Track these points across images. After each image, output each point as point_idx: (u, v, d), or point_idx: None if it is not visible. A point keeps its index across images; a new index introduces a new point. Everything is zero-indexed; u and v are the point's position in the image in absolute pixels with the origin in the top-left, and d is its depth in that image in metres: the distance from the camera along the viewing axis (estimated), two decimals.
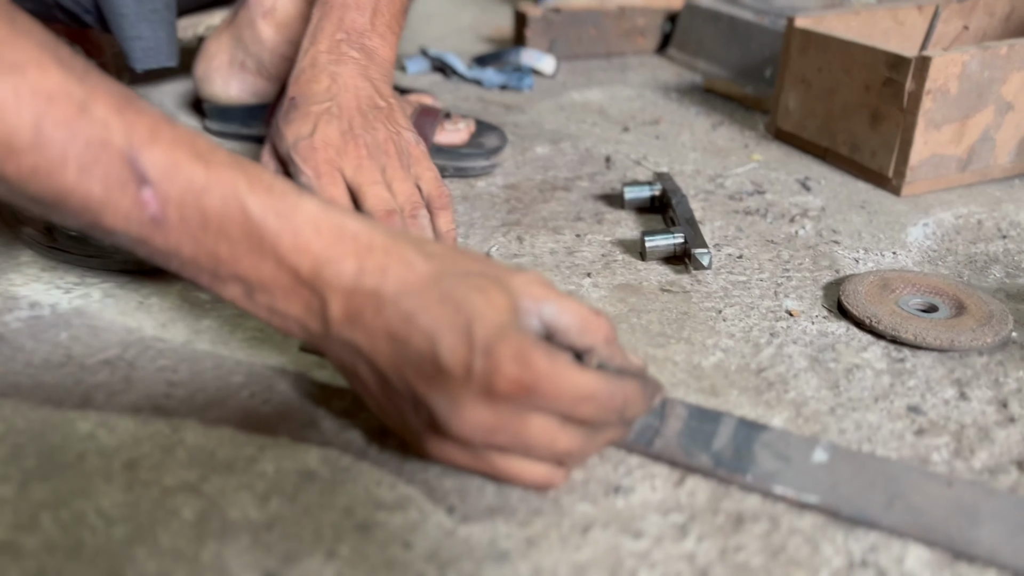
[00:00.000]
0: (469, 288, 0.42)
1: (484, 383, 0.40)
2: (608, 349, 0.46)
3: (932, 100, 0.79)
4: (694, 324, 0.62)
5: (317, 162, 0.61)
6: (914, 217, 0.79)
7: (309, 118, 0.63)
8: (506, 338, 0.41)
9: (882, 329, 0.60)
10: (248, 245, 0.42)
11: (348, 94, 0.64)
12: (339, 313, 0.43)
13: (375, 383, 0.44)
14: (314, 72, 0.64)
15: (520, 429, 0.42)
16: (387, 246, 0.43)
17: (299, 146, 0.62)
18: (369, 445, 0.48)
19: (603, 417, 0.43)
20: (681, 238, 0.69)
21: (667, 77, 1.21)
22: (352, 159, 0.62)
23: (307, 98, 0.64)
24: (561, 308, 0.45)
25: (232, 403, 0.52)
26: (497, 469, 0.44)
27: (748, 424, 0.50)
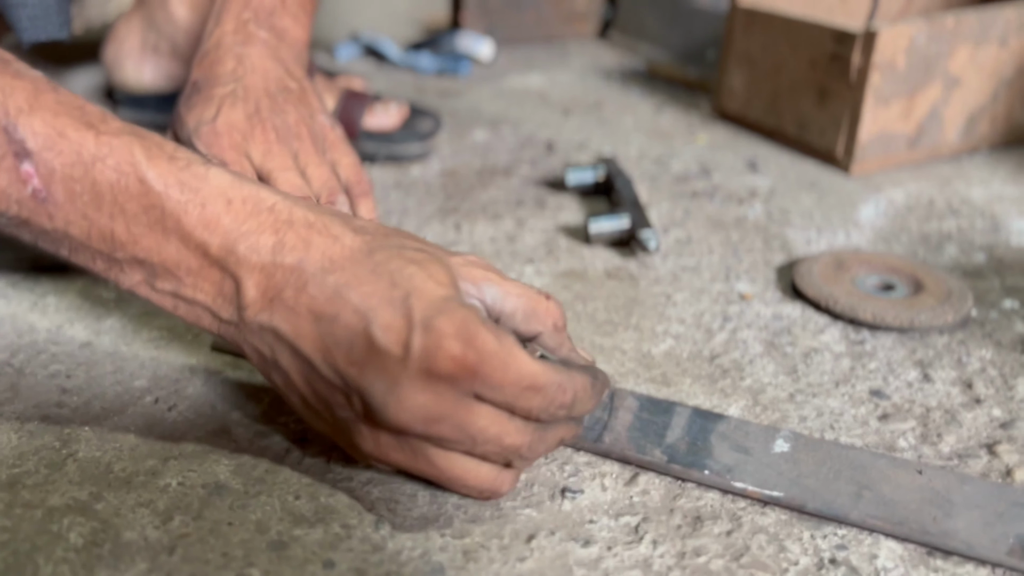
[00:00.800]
0: (405, 261, 0.38)
1: (424, 362, 0.35)
2: (557, 337, 0.42)
3: (880, 75, 0.77)
4: (643, 310, 0.58)
5: (221, 148, 0.56)
6: (865, 196, 0.77)
7: (212, 101, 0.57)
8: (448, 312, 0.36)
9: (839, 310, 0.57)
10: (148, 222, 0.37)
11: (255, 76, 0.58)
12: (255, 295, 0.38)
13: (299, 374, 0.38)
14: (219, 54, 0.59)
15: (465, 418, 0.36)
16: (309, 220, 0.39)
17: (201, 131, 0.56)
18: (287, 453, 0.43)
19: (551, 411, 0.38)
20: (627, 221, 0.65)
21: (609, 61, 1.17)
22: (260, 143, 0.57)
23: (210, 81, 0.58)
24: (505, 291, 0.40)
25: (133, 410, 0.46)
26: (439, 468, 0.38)
27: (703, 414, 0.46)
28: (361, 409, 0.37)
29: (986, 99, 0.84)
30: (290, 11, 0.62)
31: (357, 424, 0.38)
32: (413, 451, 0.38)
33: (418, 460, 0.38)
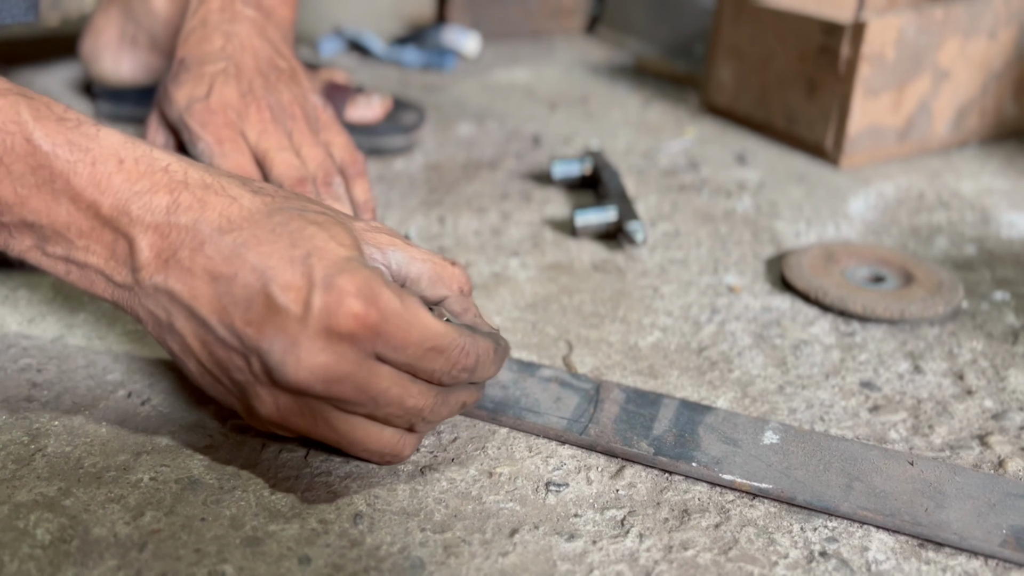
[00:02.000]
0: (306, 222, 0.37)
1: (324, 320, 0.34)
2: (463, 301, 0.42)
3: (869, 66, 0.76)
4: (630, 303, 0.57)
5: (217, 126, 0.54)
6: (854, 189, 0.76)
7: (203, 79, 0.56)
8: (350, 272, 0.35)
9: (829, 302, 0.56)
10: (36, 183, 0.36)
11: (246, 54, 0.57)
12: (150, 255, 0.36)
13: (195, 337, 0.37)
14: (205, 31, 0.57)
15: (367, 379, 0.35)
16: (205, 180, 0.38)
17: (193, 109, 0.54)
18: (264, 447, 0.42)
19: (453, 374, 0.37)
20: (614, 213, 0.64)
21: (596, 56, 1.17)
22: (255, 122, 0.55)
23: (199, 59, 0.57)
24: (411, 256, 0.41)
25: (105, 404, 0.45)
26: (339, 432, 0.37)
27: (691, 406, 0.45)
28: (260, 371, 0.36)
29: (975, 92, 0.83)
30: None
31: (255, 387, 0.36)
32: (313, 414, 0.37)
33: (318, 424, 0.37)
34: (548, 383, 0.46)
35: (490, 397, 0.45)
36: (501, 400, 0.45)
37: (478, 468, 0.41)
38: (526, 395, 0.45)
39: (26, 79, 0.96)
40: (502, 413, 0.44)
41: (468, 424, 0.44)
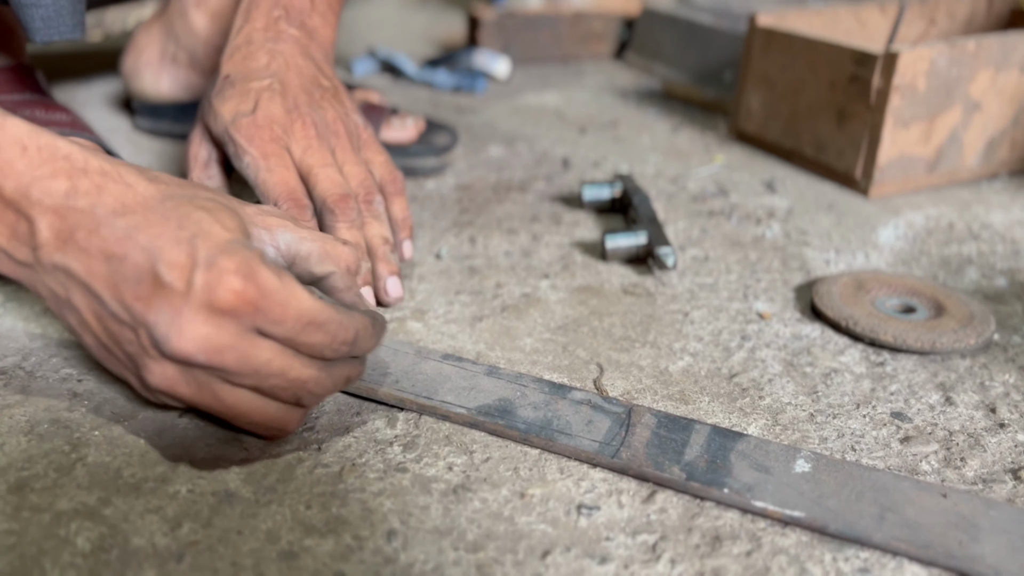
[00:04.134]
0: (195, 207, 0.40)
1: (206, 296, 0.37)
2: (347, 279, 0.45)
3: (900, 97, 0.77)
4: (660, 327, 0.57)
5: (263, 140, 0.55)
6: (884, 218, 0.76)
7: (249, 95, 0.57)
8: (231, 252, 0.38)
9: (859, 331, 0.56)
10: None
11: (290, 72, 0.59)
12: (49, 235, 0.38)
13: (90, 312, 0.39)
14: (250, 49, 0.59)
15: (248, 351, 0.38)
16: (104, 169, 0.40)
17: (240, 123, 0.56)
18: (299, 462, 0.43)
19: (333, 348, 0.40)
20: (644, 237, 0.65)
21: (624, 81, 1.17)
22: (300, 138, 0.57)
23: (244, 75, 0.58)
24: (300, 236, 0.44)
25: (144, 416, 0.46)
26: (225, 403, 0.40)
27: (722, 432, 0.45)
28: (148, 343, 0.38)
29: (1006, 124, 0.83)
30: (319, 11, 0.62)
31: (144, 359, 0.39)
32: (199, 384, 0.39)
33: (204, 393, 0.39)
34: (580, 406, 0.47)
35: (521, 418, 0.45)
36: (533, 421, 0.45)
37: (510, 489, 0.42)
38: (558, 417, 0.46)
39: (68, 93, 0.98)
40: (533, 434, 0.44)
41: (500, 444, 0.45)
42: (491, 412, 0.46)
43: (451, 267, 0.64)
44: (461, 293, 0.60)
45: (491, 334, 0.55)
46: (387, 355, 0.51)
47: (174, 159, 0.82)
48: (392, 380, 0.48)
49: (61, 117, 0.64)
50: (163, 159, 0.82)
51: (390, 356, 0.50)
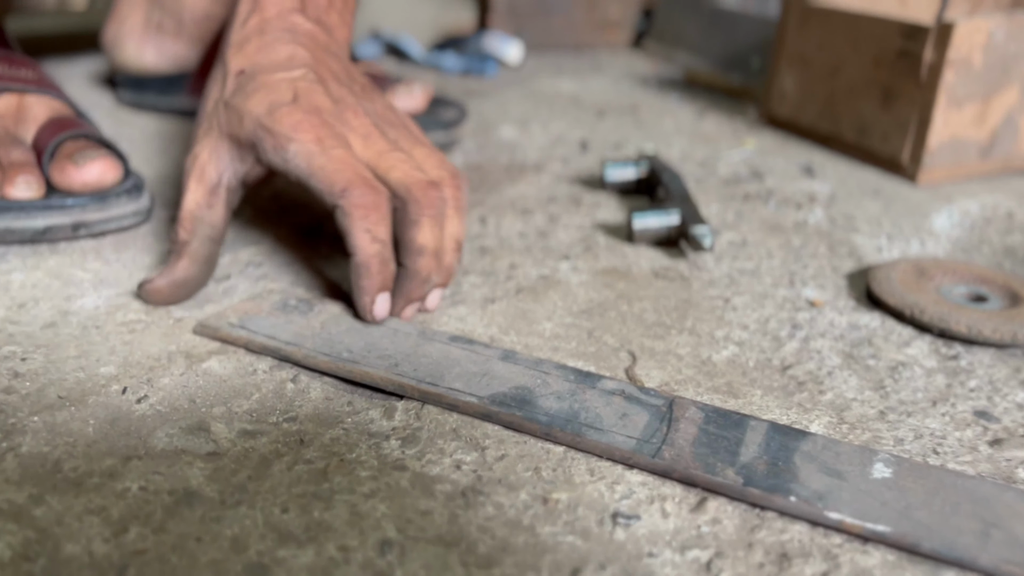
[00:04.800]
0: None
1: None
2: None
3: (954, 73, 0.70)
4: (698, 313, 0.50)
5: (313, 125, 0.45)
6: (936, 205, 0.69)
7: (280, 85, 0.46)
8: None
9: (926, 320, 0.49)
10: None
11: (320, 66, 0.48)
12: None
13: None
14: (264, 40, 0.49)
15: None
16: None
17: (278, 113, 0.45)
18: (278, 457, 0.35)
19: None
20: (677, 217, 0.57)
21: (644, 69, 1.11)
22: (357, 127, 0.47)
23: (265, 68, 0.48)
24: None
25: (95, 400, 0.38)
26: None
27: (783, 430, 0.38)
28: None
29: None
30: (336, 8, 0.52)
31: None
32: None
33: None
34: (612, 396, 0.39)
35: (543, 409, 0.38)
36: (556, 413, 0.38)
37: (530, 492, 0.34)
38: (586, 409, 0.38)
39: (50, 70, 0.91)
40: (558, 428, 0.37)
41: (517, 440, 0.37)
42: (507, 401, 0.39)
43: None
44: (470, 273, 0.53)
45: (505, 317, 0.48)
46: (385, 335, 0.43)
47: (158, 134, 0.75)
48: (391, 363, 0.41)
49: (26, 73, 0.58)
50: (146, 134, 0.75)
51: (389, 337, 0.43)
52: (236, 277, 0.51)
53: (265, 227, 0.58)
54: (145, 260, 0.52)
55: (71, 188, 0.53)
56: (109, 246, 0.54)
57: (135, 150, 0.70)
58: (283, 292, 0.48)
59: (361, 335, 0.44)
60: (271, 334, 0.43)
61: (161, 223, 0.57)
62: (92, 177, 0.53)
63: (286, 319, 0.45)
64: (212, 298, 0.48)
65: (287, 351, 0.42)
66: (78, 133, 0.55)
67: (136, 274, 0.50)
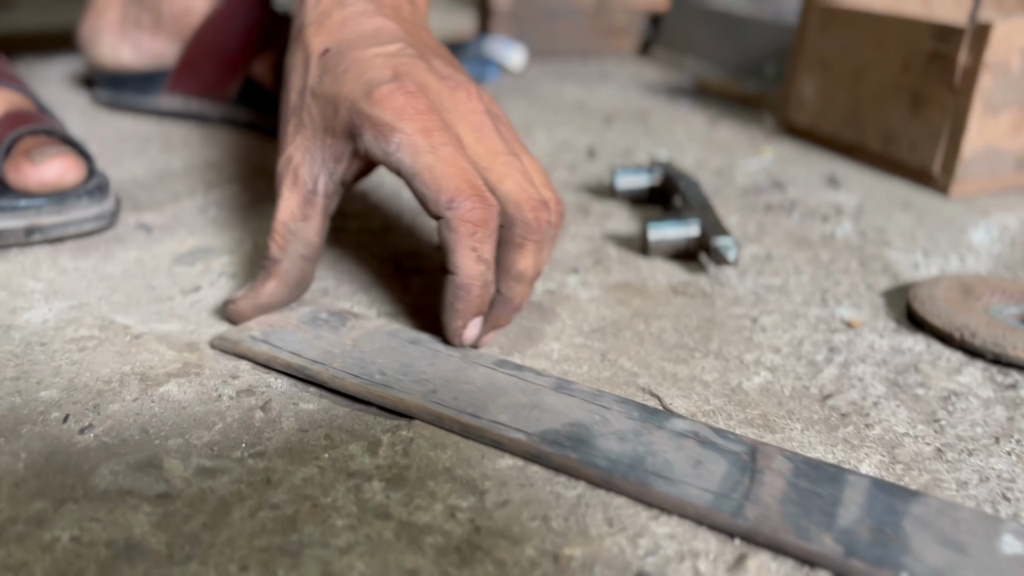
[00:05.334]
0: None
1: None
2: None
3: (991, 77, 0.65)
4: (724, 334, 0.45)
5: (418, 112, 0.38)
6: (972, 219, 0.64)
7: (376, 61, 0.40)
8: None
9: (978, 344, 0.44)
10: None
11: (414, 38, 0.42)
12: None
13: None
14: (345, 13, 0.42)
15: None
16: None
17: (378, 94, 0.38)
18: (240, 500, 0.30)
19: None
20: (696, 228, 0.52)
21: (651, 76, 1.06)
22: (468, 116, 0.40)
23: (352, 43, 0.41)
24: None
25: (31, 430, 0.33)
26: None
27: (887, 488, 0.32)
28: None
29: None
30: None
31: None
32: None
33: None
34: (683, 439, 0.34)
35: (603, 451, 0.33)
36: (618, 457, 0.32)
37: (538, 547, 0.29)
38: (653, 453, 0.33)
39: (26, 69, 0.86)
40: (620, 476, 0.31)
41: (521, 482, 0.32)
42: (560, 441, 0.33)
43: None
44: None
45: (507, 337, 0.43)
46: (424, 356, 0.38)
47: (133, 135, 0.70)
48: (428, 389, 0.36)
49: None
50: (121, 134, 0.70)
51: (428, 358, 0.38)
52: (207, 289, 0.45)
53: (244, 230, 0.53)
54: (107, 269, 0.47)
55: (27, 188, 0.47)
56: (67, 253, 0.48)
57: (107, 151, 0.65)
58: (314, 304, 0.43)
59: (397, 355, 0.38)
60: (296, 350, 0.38)
61: (129, 229, 0.52)
62: (50, 176, 0.48)
63: (315, 334, 0.40)
64: (178, 311, 0.43)
65: (313, 371, 0.37)
66: (37, 128, 0.49)
67: (96, 284, 0.45)
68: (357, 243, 0.52)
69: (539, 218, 0.39)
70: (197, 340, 0.40)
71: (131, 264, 0.48)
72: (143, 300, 0.44)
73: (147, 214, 0.54)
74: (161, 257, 0.49)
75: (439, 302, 0.42)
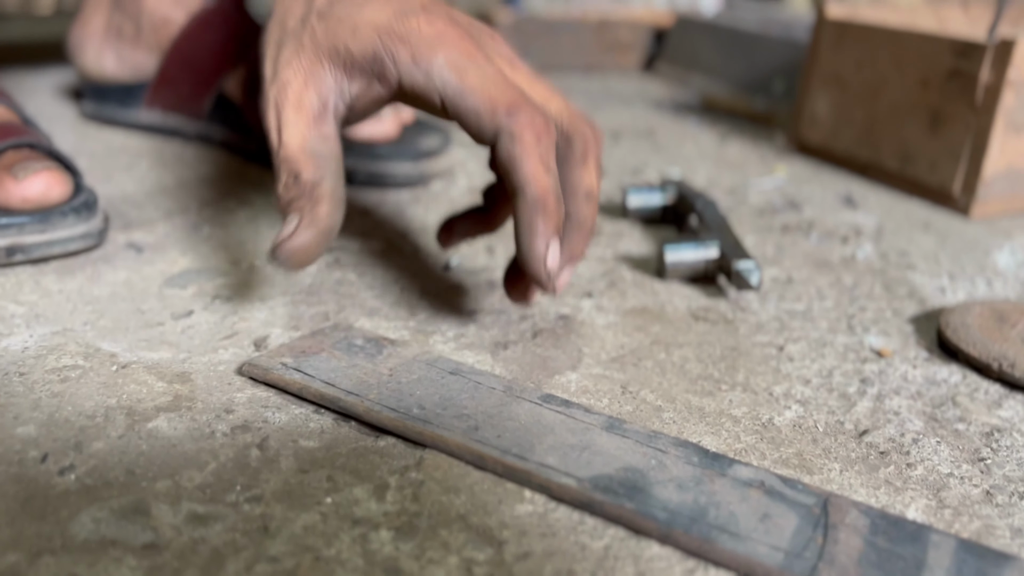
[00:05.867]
0: None
1: None
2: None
3: (1015, 95, 0.63)
4: (750, 364, 0.42)
5: (456, 37, 0.37)
6: (996, 242, 0.61)
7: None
8: None
9: (1018, 376, 0.41)
10: None
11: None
12: None
13: None
14: None
15: None
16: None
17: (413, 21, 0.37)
18: (235, 552, 0.27)
19: None
20: (715, 250, 0.50)
21: (657, 92, 1.04)
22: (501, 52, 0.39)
23: None
24: None
25: (6, 472, 0.30)
26: None
27: (974, 550, 0.29)
28: None
29: None
30: None
31: None
32: None
33: None
34: (748, 489, 0.31)
35: (660, 501, 0.30)
36: (678, 508, 0.30)
37: None
38: (716, 505, 0.30)
39: (16, 81, 0.84)
40: (680, 529, 0.29)
41: (543, 531, 0.29)
42: (614, 488, 0.30)
43: (464, 281, 0.49)
44: (478, 312, 0.45)
45: (520, 366, 0.40)
46: (465, 389, 0.36)
47: (125, 149, 0.67)
48: (470, 426, 0.33)
49: None
50: (111, 148, 0.67)
51: (469, 391, 0.36)
52: (200, 312, 0.43)
53: (239, 250, 0.50)
54: (94, 291, 0.44)
55: (9, 205, 0.45)
56: (52, 274, 0.45)
57: (97, 165, 0.62)
58: (348, 329, 0.40)
59: (436, 387, 0.36)
60: (330, 380, 0.35)
61: (118, 248, 0.49)
62: (34, 192, 0.45)
63: (349, 362, 0.37)
64: (168, 338, 0.40)
65: (347, 402, 0.34)
66: (21, 142, 0.47)
67: (81, 308, 0.42)
68: (358, 264, 0.50)
69: (596, 131, 0.38)
70: (189, 370, 0.37)
71: (119, 286, 0.45)
72: (131, 325, 0.41)
73: (137, 232, 0.52)
74: (151, 278, 0.46)
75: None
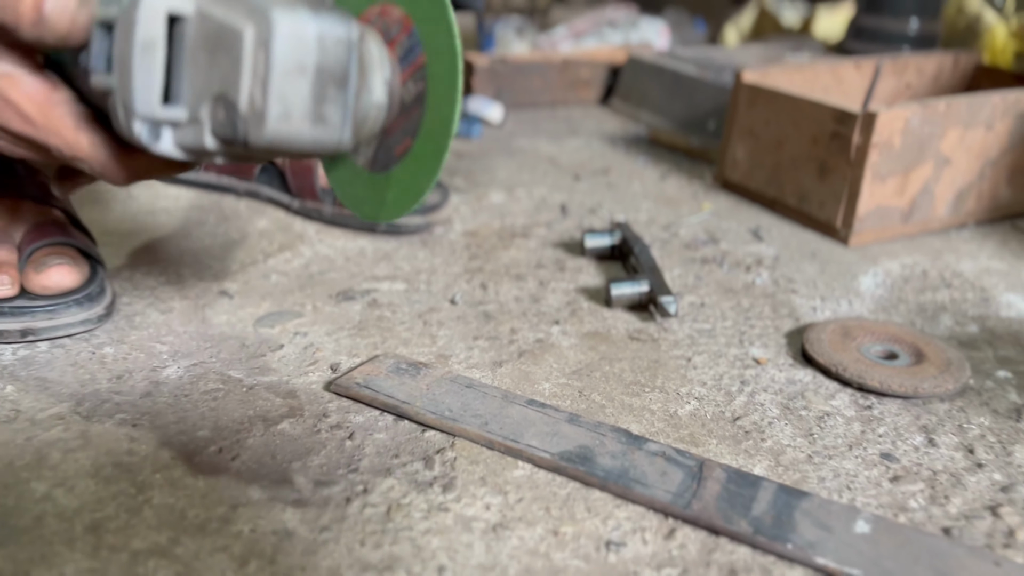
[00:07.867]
0: None
1: None
2: None
3: (878, 153, 0.82)
4: (666, 372, 0.62)
5: None
6: (863, 266, 0.81)
7: None
8: None
9: (848, 376, 0.61)
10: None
11: None
12: None
13: None
14: None
15: None
16: None
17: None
18: (348, 502, 0.46)
19: None
20: (646, 286, 0.69)
21: (612, 127, 1.23)
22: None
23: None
24: None
25: (199, 460, 0.49)
26: None
27: (788, 491, 0.49)
28: None
29: (973, 177, 0.90)
30: None
31: None
32: None
33: None
34: (654, 457, 0.51)
35: (601, 465, 0.49)
36: (611, 469, 0.49)
37: (544, 527, 0.46)
38: (634, 467, 0.49)
39: None
40: (612, 482, 0.48)
41: (531, 485, 0.49)
42: (573, 458, 0.50)
43: (466, 313, 0.68)
44: (479, 338, 0.64)
45: (511, 379, 0.59)
46: (476, 397, 0.55)
47: (193, 206, 0.85)
48: (482, 422, 0.52)
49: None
50: (181, 205, 0.85)
51: (479, 399, 0.55)
52: (288, 346, 0.61)
53: (301, 294, 0.68)
54: (208, 331, 0.62)
55: (32, 291, 0.58)
56: (177, 318, 0.64)
57: (174, 222, 0.81)
58: (395, 357, 0.59)
59: (458, 396, 0.55)
60: (389, 393, 0.55)
61: (213, 295, 0.68)
62: (51, 282, 0.58)
63: (399, 380, 0.56)
64: (271, 365, 0.59)
65: (403, 408, 0.53)
66: (55, 241, 0.60)
67: (203, 345, 0.61)
68: (390, 303, 0.69)
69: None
70: (293, 388, 0.56)
71: (224, 326, 0.63)
72: (243, 357, 0.60)
73: (225, 282, 0.70)
74: (245, 320, 0.65)
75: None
